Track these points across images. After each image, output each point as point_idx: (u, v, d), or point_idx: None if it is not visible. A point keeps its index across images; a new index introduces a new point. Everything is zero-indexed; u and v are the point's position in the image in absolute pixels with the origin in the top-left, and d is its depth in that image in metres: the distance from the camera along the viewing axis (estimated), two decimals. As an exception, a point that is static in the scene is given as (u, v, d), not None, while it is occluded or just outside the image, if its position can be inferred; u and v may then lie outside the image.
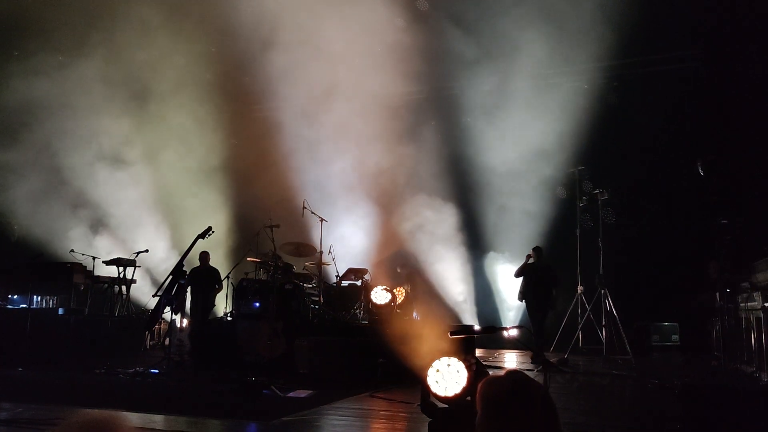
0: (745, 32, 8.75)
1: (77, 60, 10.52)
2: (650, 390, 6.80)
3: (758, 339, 6.76)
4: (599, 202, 9.12)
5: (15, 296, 10.08)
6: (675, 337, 9.67)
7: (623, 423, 5.21)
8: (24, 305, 9.94)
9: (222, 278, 9.36)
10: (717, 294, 8.21)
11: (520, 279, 9.11)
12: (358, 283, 10.16)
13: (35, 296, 10.11)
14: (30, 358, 8.17)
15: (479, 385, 1.88)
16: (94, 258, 10.43)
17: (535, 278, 8.97)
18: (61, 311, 9.61)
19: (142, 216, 11.73)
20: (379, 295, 9.22)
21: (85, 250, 10.60)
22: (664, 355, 9.38)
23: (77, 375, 7.42)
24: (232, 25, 10.00)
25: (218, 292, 9.26)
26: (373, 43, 10.18)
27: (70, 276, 10.01)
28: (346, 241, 10.93)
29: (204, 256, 9.22)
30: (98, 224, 11.78)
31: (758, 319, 6.77)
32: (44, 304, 10.26)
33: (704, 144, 9.44)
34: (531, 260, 9.05)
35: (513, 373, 1.91)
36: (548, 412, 1.81)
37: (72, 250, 10.48)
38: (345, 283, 10.30)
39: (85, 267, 10.36)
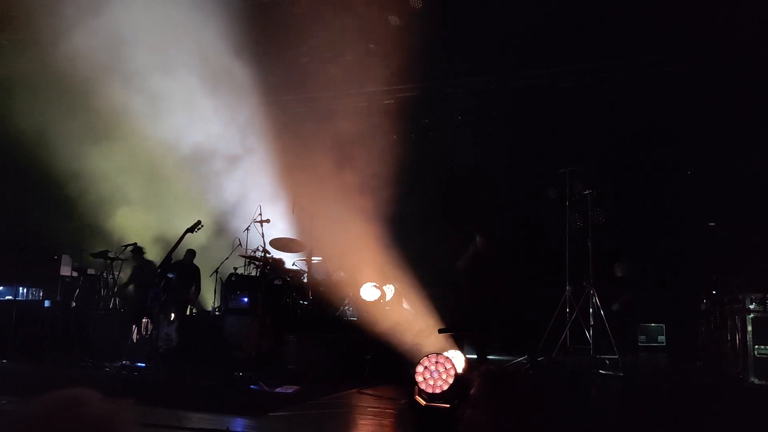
0: (740, 33, 8.80)
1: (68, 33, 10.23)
2: (636, 389, 6.85)
3: (743, 340, 6.84)
4: (589, 203, 9.15)
5: (0, 288, 9.98)
6: (661, 338, 9.73)
7: (609, 422, 5.24)
8: (10, 297, 9.86)
9: (201, 277, 9.32)
10: (703, 296, 8.31)
11: None
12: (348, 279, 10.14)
13: (21, 288, 10.02)
14: (16, 350, 8.12)
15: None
16: (81, 250, 10.36)
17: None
18: (47, 303, 9.53)
19: (129, 208, 11.62)
20: (368, 292, 9.22)
21: (72, 242, 10.52)
22: (650, 356, 9.45)
23: (63, 367, 7.38)
24: (227, 11, 9.90)
25: (196, 295, 9.20)
26: (364, 39, 10.15)
27: (56, 268, 9.93)
28: (335, 238, 10.88)
29: (190, 253, 9.19)
30: (85, 217, 11.63)
31: (744, 320, 6.85)
32: (30, 296, 10.17)
33: (695, 146, 9.51)
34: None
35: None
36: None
37: (59, 242, 10.40)
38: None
39: (72, 259, 10.28)
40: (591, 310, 8.76)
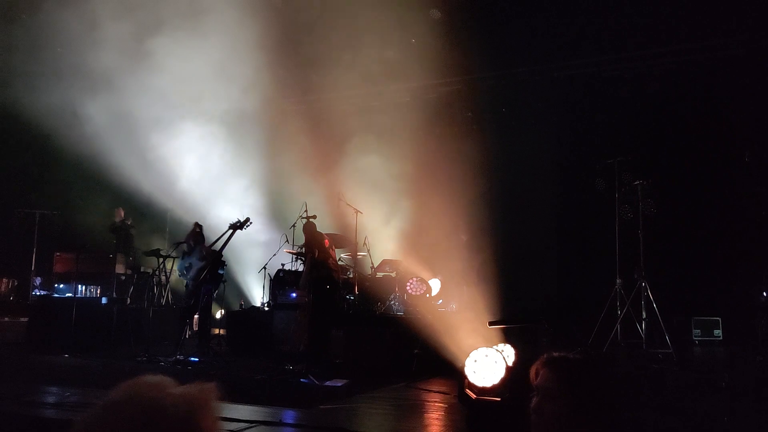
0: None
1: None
2: (693, 384, 6.65)
3: (806, 334, 6.57)
4: (639, 193, 8.92)
5: (61, 285, 10.39)
6: (717, 332, 9.42)
7: (666, 416, 5.11)
8: (70, 294, 10.24)
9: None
10: (762, 287, 7.99)
11: None
12: (393, 274, 10.16)
13: (80, 286, 10.39)
14: (75, 345, 8.43)
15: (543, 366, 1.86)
16: (134, 249, 10.68)
17: None
18: (104, 300, 9.87)
19: (181, 207, 11.87)
20: (415, 287, 9.22)
21: (125, 241, 10.84)
22: (705, 350, 9.17)
23: (120, 362, 7.63)
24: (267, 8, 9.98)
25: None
26: (407, 34, 10.11)
27: (112, 266, 10.28)
28: (381, 233, 10.91)
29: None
30: (136, 214, 11.93)
31: (807, 313, 6.57)
32: (88, 294, 10.55)
33: (752, 132, 9.14)
34: None
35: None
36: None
37: (114, 241, 10.73)
38: (380, 274, 10.32)
39: (126, 257, 10.61)
40: (643, 303, 8.55)
